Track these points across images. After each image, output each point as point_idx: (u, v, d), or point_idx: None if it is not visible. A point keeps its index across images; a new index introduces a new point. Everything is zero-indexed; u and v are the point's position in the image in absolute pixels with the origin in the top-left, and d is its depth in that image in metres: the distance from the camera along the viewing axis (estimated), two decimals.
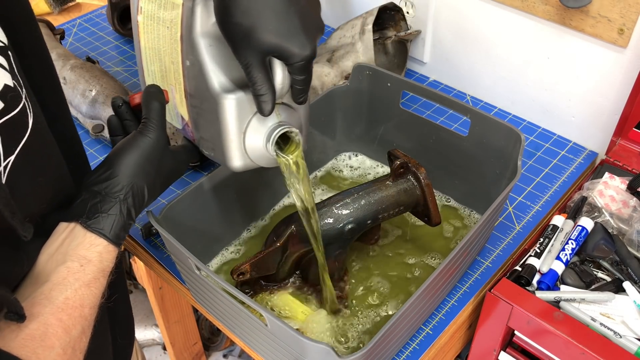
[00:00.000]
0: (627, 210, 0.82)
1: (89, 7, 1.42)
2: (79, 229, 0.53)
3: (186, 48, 0.65)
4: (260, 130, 0.65)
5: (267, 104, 0.60)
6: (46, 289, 0.49)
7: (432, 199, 0.74)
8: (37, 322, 0.46)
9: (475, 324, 0.78)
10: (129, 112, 0.66)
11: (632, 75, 0.86)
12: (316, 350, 0.58)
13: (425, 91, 0.85)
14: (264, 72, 0.58)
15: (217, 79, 0.63)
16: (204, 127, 0.68)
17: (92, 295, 0.51)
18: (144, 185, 0.58)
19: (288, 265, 0.77)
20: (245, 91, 0.63)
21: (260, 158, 0.67)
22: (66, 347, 0.47)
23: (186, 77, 0.66)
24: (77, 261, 0.51)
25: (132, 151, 0.58)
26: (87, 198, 0.55)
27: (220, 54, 0.63)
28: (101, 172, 0.57)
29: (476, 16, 1.01)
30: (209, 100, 0.64)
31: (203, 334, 1.51)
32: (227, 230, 0.86)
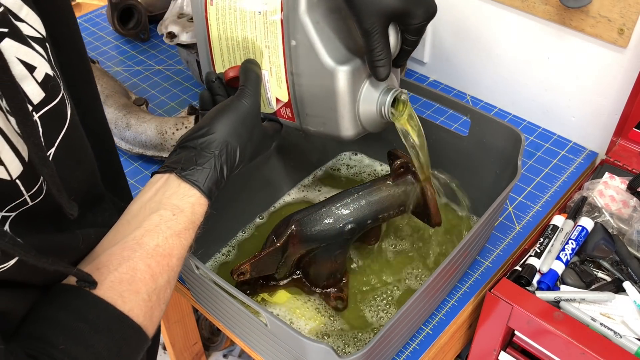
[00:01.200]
0: (627, 210, 0.82)
1: (89, 7, 1.42)
2: (173, 178, 0.54)
3: (290, 29, 0.66)
4: (373, 97, 0.68)
5: (386, 68, 0.63)
6: (138, 234, 0.50)
7: (432, 199, 0.74)
8: (126, 265, 0.47)
9: (475, 324, 0.78)
10: (221, 87, 0.69)
11: (632, 75, 0.86)
12: (316, 350, 0.58)
13: (425, 91, 0.85)
14: (385, 37, 0.61)
15: (328, 53, 0.65)
16: (312, 103, 0.70)
17: (181, 245, 0.52)
18: (237, 146, 0.59)
19: (288, 265, 0.77)
20: (355, 60, 0.66)
21: (372, 123, 0.71)
22: (152, 293, 0.48)
23: (290, 57, 0.68)
24: (170, 210, 0.52)
25: (229, 113, 0.60)
26: (182, 152, 0.57)
27: (325, 29, 0.66)
28: (197, 129, 0.58)
29: (476, 16, 1.01)
30: (320, 76, 0.66)
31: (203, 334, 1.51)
32: (226, 230, 0.86)
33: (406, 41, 0.65)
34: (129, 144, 0.98)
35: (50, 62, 0.46)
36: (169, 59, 1.23)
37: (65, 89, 0.48)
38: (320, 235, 0.73)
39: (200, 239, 0.81)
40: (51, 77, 0.45)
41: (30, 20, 0.45)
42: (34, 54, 0.44)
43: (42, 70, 0.44)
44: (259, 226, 0.88)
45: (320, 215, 0.73)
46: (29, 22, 0.45)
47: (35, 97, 0.43)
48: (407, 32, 0.63)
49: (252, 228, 0.88)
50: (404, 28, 0.63)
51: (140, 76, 1.18)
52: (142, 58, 1.24)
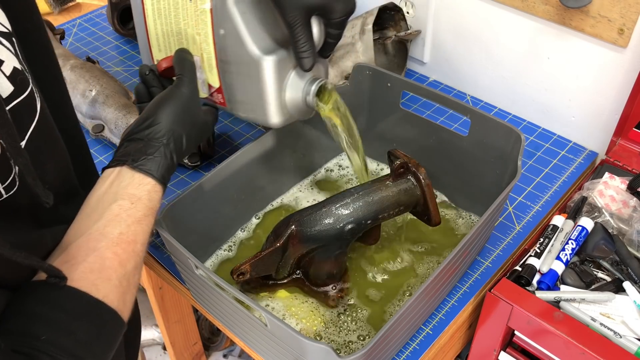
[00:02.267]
0: (627, 210, 0.82)
1: (89, 7, 1.42)
2: (126, 170, 0.55)
3: (219, 18, 0.69)
4: (299, 85, 0.71)
5: (310, 59, 0.66)
6: (100, 225, 0.51)
7: (432, 199, 0.74)
8: (93, 255, 0.48)
9: (475, 324, 0.78)
10: (155, 79, 0.70)
11: (632, 75, 0.86)
12: (316, 350, 0.58)
13: (425, 91, 0.85)
14: (308, 29, 0.64)
15: (255, 43, 0.68)
16: (240, 90, 0.72)
17: (143, 231, 0.53)
18: (183, 133, 0.61)
19: (288, 265, 0.77)
20: (282, 50, 0.69)
21: (299, 111, 0.74)
22: (122, 279, 0.49)
23: (219, 45, 0.70)
24: (128, 199, 0.53)
25: (171, 102, 0.62)
26: (130, 145, 0.58)
27: (253, 20, 0.68)
28: (141, 121, 0.60)
29: (476, 16, 1.01)
30: (248, 64, 0.69)
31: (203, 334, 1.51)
32: (227, 230, 0.86)
33: (329, 34, 0.68)
34: None
35: (17, 56, 0.47)
36: None
37: (34, 82, 0.49)
38: (320, 235, 0.73)
39: (201, 240, 0.81)
40: (19, 70, 0.46)
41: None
42: (0, 48, 0.44)
43: (10, 64, 0.45)
44: (258, 225, 0.88)
45: (320, 215, 0.73)
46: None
47: (4, 91, 0.44)
48: (329, 26, 0.67)
49: (251, 228, 0.88)
50: (325, 22, 0.67)
51: None
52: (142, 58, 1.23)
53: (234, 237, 0.86)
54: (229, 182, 0.80)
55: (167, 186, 0.59)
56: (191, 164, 0.95)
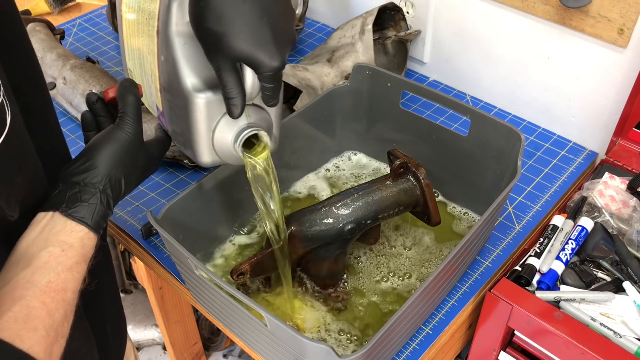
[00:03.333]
0: (627, 210, 0.82)
1: (89, 7, 1.42)
2: (58, 216, 0.53)
3: (161, 43, 0.65)
4: (229, 130, 0.66)
5: (237, 107, 0.60)
6: (28, 272, 0.49)
7: (431, 198, 0.74)
8: (19, 304, 0.46)
9: (475, 324, 0.78)
10: (103, 108, 0.67)
11: (632, 75, 0.86)
12: (316, 350, 0.58)
13: (425, 91, 0.85)
14: (234, 75, 0.59)
15: (189, 77, 0.64)
16: (175, 121, 0.69)
17: (74, 279, 0.51)
18: (122, 176, 0.59)
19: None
20: (216, 91, 0.63)
21: (228, 156, 0.68)
22: (49, 329, 0.47)
23: (160, 71, 0.67)
24: (59, 246, 0.51)
25: (110, 144, 0.59)
26: (66, 188, 0.56)
27: (193, 53, 0.63)
28: (80, 164, 0.58)
29: (476, 16, 1.01)
30: (181, 97, 0.65)
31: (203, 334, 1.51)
32: (226, 230, 0.86)
33: (262, 87, 0.60)
34: None
35: None
36: None
37: (8, 95, 0.47)
38: (320, 235, 0.73)
39: (201, 239, 0.81)
40: None
41: None
42: None
43: None
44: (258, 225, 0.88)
45: (320, 215, 0.73)
46: None
47: None
48: (260, 79, 0.60)
49: (251, 228, 0.88)
50: (257, 74, 0.59)
51: None
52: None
53: (233, 237, 0.86)
54: (229, 182, 0.80)
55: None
56: (191, 164, 0.95)
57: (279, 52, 0.56)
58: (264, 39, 0.56)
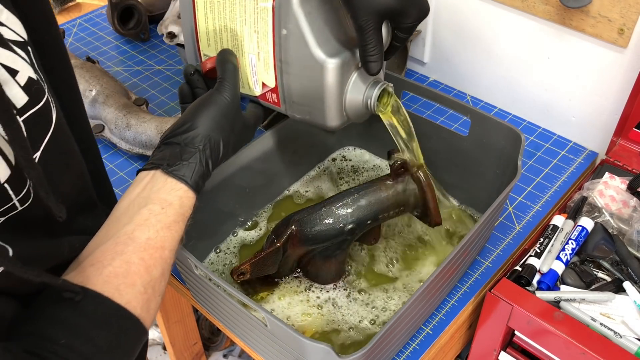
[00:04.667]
0: (627, 210, 0.82)
1: (89, 7, 1.42)
2: (159, 174, 0.55)
3: (281, 18, 0.66)
4: (360, 88, 0.69)
5: (378, 64, 0.64)
6: (129, 229, 0.50)
7: (432, 199, 0.74)
8: (119, 260, 0.48)
9: (475, 324, 0.78)
10: (200, 79, 0.69)
11: (632, 75, 0.86)
12: (316, 350, 0.58)
13: (425, 91, 0.85)
14: (379, 34, 0.62)
15: (319, 45, 0.65)
16: (299, 92, 0.70)
17: (172, 237, 0.52)
18: (220, 139, 0.60)
19: (288, 265, 0.77)
20: (346, 52, 0.66)
21: (357, 114, 0.72)
22: (147, 286, 0.49)
23: (280, 46, 0.68)
24: (159, 204, 0.53)
25: (210, 107, 0.61)
26: (166, 149, 0.57)
27: (318, 21, 0.66)
28: (179, 125, 0.59)
29: (476, 16, 1.01)
30: (310, 67, 0.67)
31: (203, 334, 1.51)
32: (227, 230, 0.86)
33: (397, 38, 0.66)
34: (129, 144, 0.98)
35: (33, 65, 0.46)
36: (169, 59, 1.23)
37: (51, 92, 0.48)
38: (320, 235, 0.73)
39: (200, 239, 0.81)
40: (34, 80, 0.45)
41: (11, 24, 0.45)
42: (15, 57, 0.44)
43: (25, 74, 0.44)
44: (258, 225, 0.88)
45: (320, 215, 0.73)
46: (10, 25, 0.45)
47: (18, 101, 0.43)
48: (398, 30, 0.65)
49: (251, 227, 0.88)
50: (395, 26, 0.65)
51: (140, 76, 1.18)
52: (142, 58, 1.24)
53: (234, 237, 0.86)
54: (229, 182, 0.80)
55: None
56: None
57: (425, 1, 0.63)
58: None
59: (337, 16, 0.67)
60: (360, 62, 0.67)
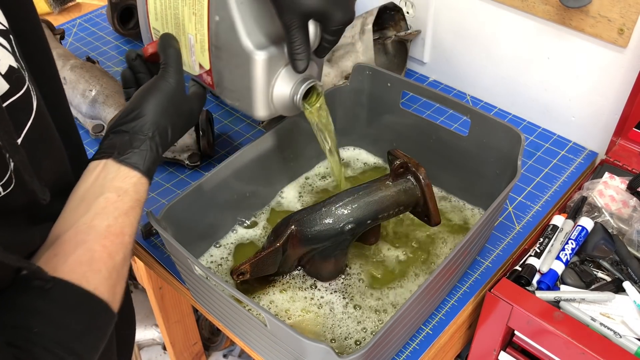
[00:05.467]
0: (627, 210, 0.82)
1: (89, 7, 1.42)
2: (111, 163, 0.56)
3: (215, 3, 0.67)
4: (288, 83, 0.69)
5: (304, 62, 0.65)
6: (87, 218, 0.51)
7: (432, 199, 0.74)
8: (82, 248, 0.49)
9: (475, 324, 0.78)
10: (142, 65, 0.70)
11: (632, 75, 0.86)
12: (316, 350, 0.58)
13: (425, 91, 0.85)
14: (303, 32, 0.63)
15: (249, 36, 0.66)
16: (229, 79, 0.71)
17: (130, 223, 0.54)
18: (168, 125, 0.61)
19: (289, 264, 0.77)
20: (275, 46, 0.67)
21: (285, 108, 0.72)
22: (112, 271, 0.50)
23: (213, 31, 0.69)
24: (114, 192, 0.54)
25: (155, 94, 0.61)
26: (115, 137, 0.58)
27: (250, 10, 0.66)
28: (127, 114, 0.60)
29: (476, 16, 1.01)
30: (239, 55, 0.67)
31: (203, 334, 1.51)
32: (227, 230, 0.86)
33: (325, 39, 0.67)
34: None
35: (14, 54, 0.47)
36: None
37: (31, 81, 0.49)
38: (320, 235, 0.73)
39: (201, 240, 0.81)
40: (15, 69, 0.46)
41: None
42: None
43: (5, 62, 0.45)
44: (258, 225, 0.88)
45: (320, 215, 0.73)
46: None
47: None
48: (325, 32, 0.66)
49: (251, 227, 0.88)
50: (322, 28, 0.66)
51: None
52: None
53: (233, 237, 0.86)
54: (229, 182, 0.80)
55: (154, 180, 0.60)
56: (191, 164, 0.95)
57: (350, 7, 0.63)
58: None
59: (269, 10, 0.67)
60: None
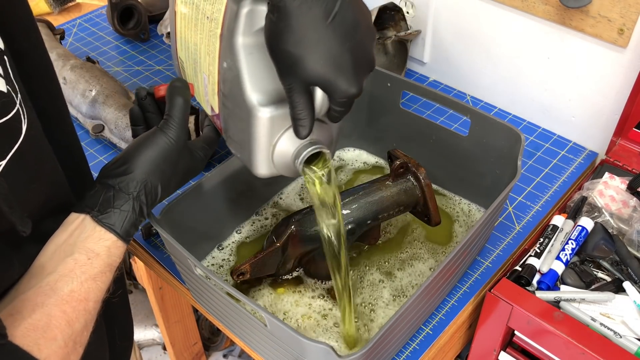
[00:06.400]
0: (627, 210, 0.82)
1: (89, 7, 1.42)
2: (89, 221, 0.54)
3: (225, 49, 0.62)
4: (291, 145, 0.63)
5: (305, 128, 0.58)
6: (52, 279, 0.49)
7: (432, 199, 0.74)
8: (40, 312, 0.46)
9: (475, 324, 0.78)
10: (152, 104, 0.67)
11: (632, 75, 0.86)
12: (316, 350, 0.58)
13: (425, 91, 0.85)
14: (306, 97, 0.56)
15: (254, 90, 0.61)
16: (233, 129, 0.67)
17: (97, 289, 0.51)
18: (158, 184, 0.58)
19: (289, 264, 0.77)
20: (280, 105, 0.61)
21: (287, 170, 0.65)
22: (68, 340, 0.47)
23: (221, 76, 0.64)
24: (85, 254, 0.51)
25: (150, 148, 0.58)
26: (100, 191, 0.56)
27: (259, 64, 0.60)
28: (117, 166, 0.57)
29: (476, 16, 1.01)
30: (243, 108, 0.62)
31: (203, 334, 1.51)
32: (226, 230, 0.86)
33: (332, 109, 0.57)
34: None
35: (7, 77, 0.45)
36: (169, 59, 1.23)
37: (25, 103, 0.47)
38: (320, 235, 0.73)
39: (201, 240, 0.81)
40: (4, 93, 0.44)
41: None
42: None
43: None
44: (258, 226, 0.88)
45: None
46: None
47: None
48: (332, 102, 0.57)
49: (251, 228, 0.88)
50: (328, 97, 0.56)
51: (140, 76, 1.18)
52: (142, 58, 1.24)
53: (233, 237, 0.86)
54: (229, 182, 0.80)
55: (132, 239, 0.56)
56: None
57: (357, 80, 0.54)
58: (344, 65, 0.53)
59: None
60: None
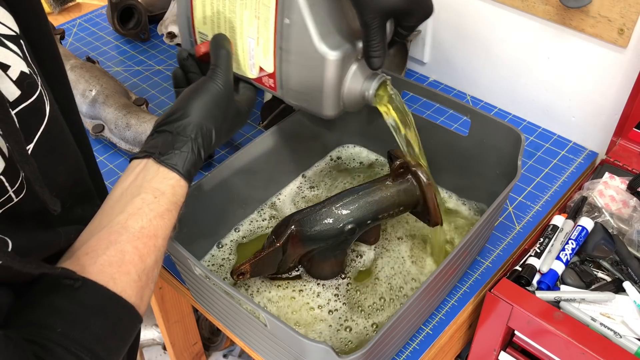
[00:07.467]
0: (627, 210, 0.82)
1: (89, 7, 1.42)
2: (152, 163, 0.56)
3: (285, 7, 0.66)
4: (359, 80, 0.70)
5: (380, 59, 0.65)
6: (122, 218, 0.51)
7: (432, 199, 0.74)
8: (114, 249, 0.48)
9: (475, 324, 0.78)
10: (193, 64, 0.70)
11: (632, 75, 0.86)
12: (316, 350, 0.58)
13: (425, 91, 0.85)
14: (383, 31, 0.63)
15: (322, 38, 0.66)
16: (297, 79, 0.71)
17: (165, 226, 0.53)
18: (212, 127, 0.60)
19: (289, 264, 0.77)
20: (347, 44, 0.67)
21: (353, 104, 0.73)
22: (141, 274, 0.49)
23: (281, 33, 0.68)
24: (152, 193, 0.53)
25: (202, 95, 0.61)
26: (159, 137, 0.58)
27: (321, 12, 0.66)
28: (172, 113, 0.59)
29: (476, 16, 1.01)
30: (310, 57, 0.67)
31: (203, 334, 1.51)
32: (227, 230, 0.86)
33: (398, 34, 0.68)
34: (129, 144, 0.98)
35: (26, 59, 0.46)
36: (169, 59, 1.23)
37: (44, 86, 0.48)
38: (320, 235, 0.73)
39: (201, 240, 0.81)
40: (27, 74, 0.45)
41: (3, 18, 0.46)
42: (7, 52, 0.44)
43: (17, 68, 0.45)
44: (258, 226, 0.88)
45: (320, 215, 0.73)
46: (1, 20, 0.45)
47: (10, 95, 0.44)
48: (401, 28, 0.66)
49: (251, 228, 0.88)
50: (398, 24, 0.66)
51: (140, 76, 1.18)
52: (142, 58, 1.24)
53: (234, 237, 0.86)
54: (229, 182, 0.80)
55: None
56: None
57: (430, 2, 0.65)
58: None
59: (340, 7, 0.67)
60: (360, 55, 0.68)
